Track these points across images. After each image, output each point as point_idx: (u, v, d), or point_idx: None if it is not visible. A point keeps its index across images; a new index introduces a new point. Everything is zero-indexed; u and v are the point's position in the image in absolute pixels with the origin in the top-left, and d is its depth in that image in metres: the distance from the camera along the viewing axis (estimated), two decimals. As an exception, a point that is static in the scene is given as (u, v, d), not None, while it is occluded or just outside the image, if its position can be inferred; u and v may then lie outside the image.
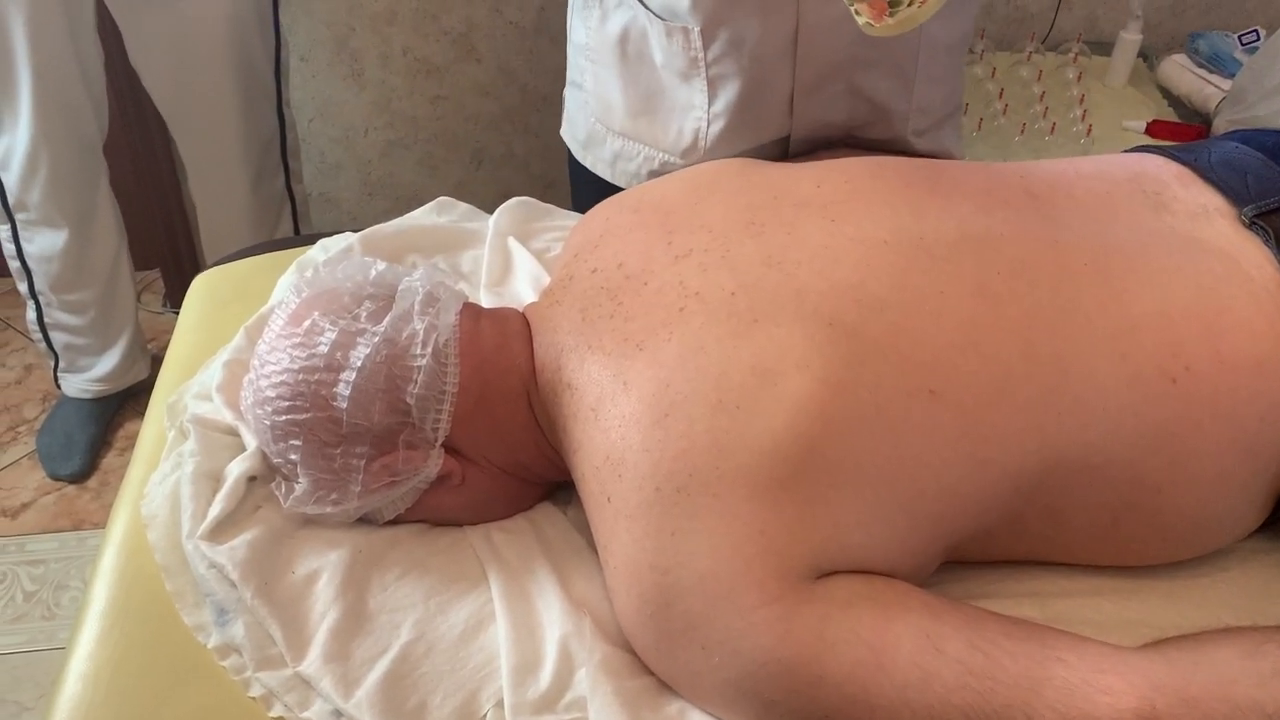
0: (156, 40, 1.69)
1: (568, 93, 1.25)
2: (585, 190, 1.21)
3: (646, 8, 1.06)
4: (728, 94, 1.06)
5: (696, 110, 1.08)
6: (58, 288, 1.85)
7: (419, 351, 0.82)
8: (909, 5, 0.83)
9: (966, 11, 1.13)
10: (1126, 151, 0.98)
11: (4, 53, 1.60)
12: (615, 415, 0.76)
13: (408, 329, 0.83)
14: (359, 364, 0.80)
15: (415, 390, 0.81)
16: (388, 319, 0.83)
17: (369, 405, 0.80)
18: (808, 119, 1.09)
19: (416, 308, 0.84)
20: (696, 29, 1.03)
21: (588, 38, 1.15)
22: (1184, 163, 0.91)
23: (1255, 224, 0.85)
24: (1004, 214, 0.84)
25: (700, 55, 1.04)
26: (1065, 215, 0.85)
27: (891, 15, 0.83)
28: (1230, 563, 0.86)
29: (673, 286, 0.81)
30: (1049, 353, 0.77)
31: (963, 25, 1.13)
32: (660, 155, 1.13)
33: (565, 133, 1.26)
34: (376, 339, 0.81)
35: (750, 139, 1.09)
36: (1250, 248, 0.84)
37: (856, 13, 0.85)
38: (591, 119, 1.19)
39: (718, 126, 1.08)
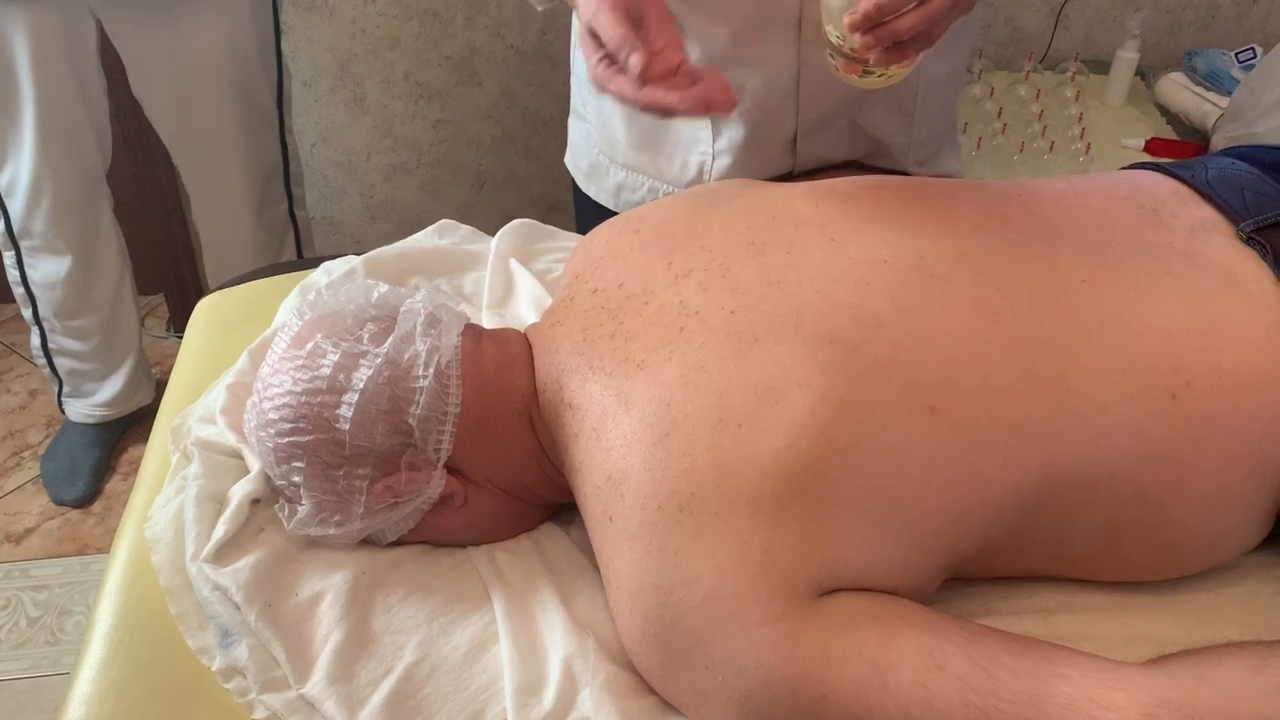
0: (158, 70, 1.70)
1: (571, 122, 1.25)
2: (588, 216, 1.22)
3: None
4: (731, 133, 1.07)
5: (701, 145, 1.09)
6: (61, 314, 1.86)
7: (421, 373, 0.82)
8: (878, 76, 0.86)
9: (962, 45, 1.14)
10: (1124, 169, 0.98)
11: (8, 82, 1.61)
12: (616, 435, 0.76)
13: (410, 350, 0.83)
14: (361, 385, 0.80)
15: (417, 411, 0.81)
16: (390, 341, 0.83)
17: (371, 427, 0.81)
18: (810, 156, 1.10)
19: (419, 329, 0.84)
20: None
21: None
22: (1181, 179, 0.92)
23: (1253, 239, 0.85)
24: (1002, 232, 0.84)
25: None
26: (1064, 233, 0.85)
27: (862, 78, 0.86)
28: (1234, 577, 0.86)
29: (673, 306, 0.81)
30: (1049, 370, 0.77)
31: (960, 57, 1.14)
32: (665, 187, 1.14)
33: (569, 162, 1.27)
34: (379, 360, 0.82)
35: (754, 175, 1.09)
36: (1248, 263, 0.84)
37: (835, 67, 0.87)
38: (595, 150, 1.20)
39: (723, 163, 1.09)
